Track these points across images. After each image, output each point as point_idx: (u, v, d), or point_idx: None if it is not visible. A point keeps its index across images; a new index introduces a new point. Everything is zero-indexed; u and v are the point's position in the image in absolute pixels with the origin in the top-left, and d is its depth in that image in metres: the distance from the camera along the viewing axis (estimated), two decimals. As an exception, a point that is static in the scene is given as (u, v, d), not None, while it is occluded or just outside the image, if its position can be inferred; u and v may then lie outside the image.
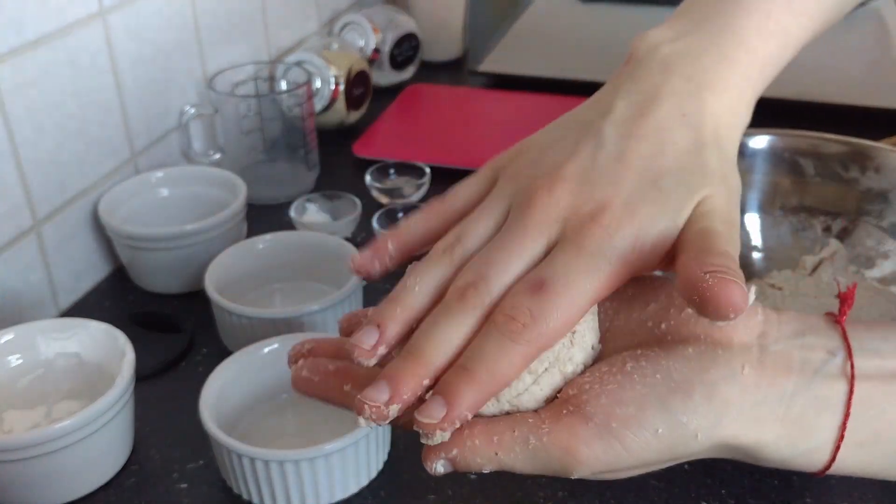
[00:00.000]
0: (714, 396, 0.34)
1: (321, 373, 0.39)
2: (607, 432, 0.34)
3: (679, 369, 0.35)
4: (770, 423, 0.35)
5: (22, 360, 0.56)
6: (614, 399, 0.34)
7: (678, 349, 0.36)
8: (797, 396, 0.35)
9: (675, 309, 0.37)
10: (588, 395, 0.35)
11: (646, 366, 0.35)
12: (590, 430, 0.34)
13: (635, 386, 0.35)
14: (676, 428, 0.34)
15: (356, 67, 0.91)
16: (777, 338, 0.36)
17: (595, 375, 0.36)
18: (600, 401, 0.34)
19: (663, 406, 0.34)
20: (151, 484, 0.53)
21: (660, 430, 0.34)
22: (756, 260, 0.67)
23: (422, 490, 0.52)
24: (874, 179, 0.65)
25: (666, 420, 0.34)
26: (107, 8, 0.69)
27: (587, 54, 1.05)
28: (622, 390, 0.34)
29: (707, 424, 0.34)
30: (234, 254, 0.66)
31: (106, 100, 0.71)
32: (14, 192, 0.63)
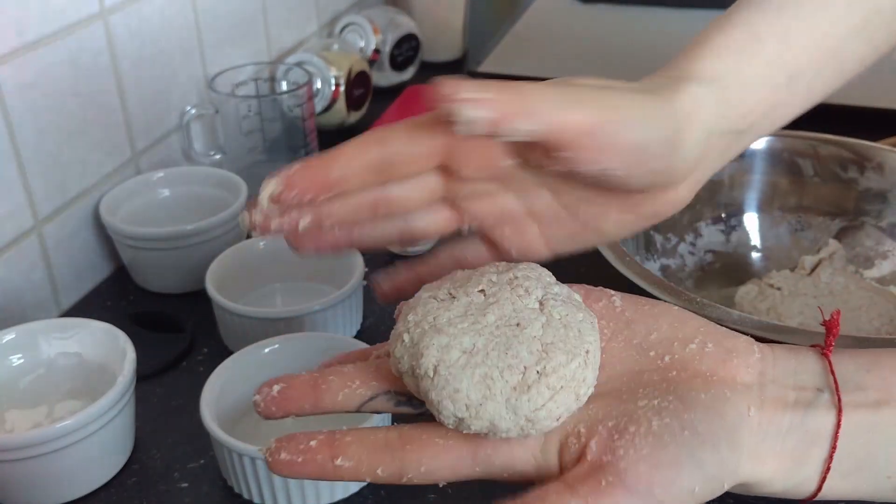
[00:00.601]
0: (736, 444, 0.35)
1: (303, 451, 0.36)
2: (651, 498, 0.34)
3: (701, 420, 0.35)
4: (769, 459, 0.36)
5: (23, 360, 0.56)
6: (652, 464, 0.34)
7: (692, 395, 0.36)
8: (791, 432, 0.36)
9: (679, 343, 0.38)
10: (625, 462, 0.34)
11: (671, 423, 0.35)
12: (634, 500, 0.34)
13: (668, 447, 0.35)
14: (710, 482, 0.35)
15: (356, 68, 0.92)
16: (773, 377, 0.37)
17: (625, 438, 0.35)
18: (639, 468, 0.34)
19: (697, 464, 0.34)
20: (152, 483, 0.53)
21: (696, 488, 0.34)
22: (755, 260, 0.67)
23: (422, 489, 0.52)
24: (873, 180, 0.65)
25: (700, 477, 0.34)
26: (108, 9, 0.70)
27: (587, 55, 1.05)
28: (657, 453, 0.34)
29: (730, 472, 0.35)
30: (234, 254, 0.66)
31: (107, 100, 0.71)
32: (15, 193, 0.63)
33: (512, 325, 0.35)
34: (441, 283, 0.38)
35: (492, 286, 0.37)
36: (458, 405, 0.34)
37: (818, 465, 0.36)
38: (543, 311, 0.36)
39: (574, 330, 0.36)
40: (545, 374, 0.34)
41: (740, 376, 0.37)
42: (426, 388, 0.35)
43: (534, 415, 0.34)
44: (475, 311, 0.36)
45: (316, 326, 0.60)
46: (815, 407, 0.36)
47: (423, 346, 0.35)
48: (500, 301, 0.36)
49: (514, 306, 0.36)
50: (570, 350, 0.35)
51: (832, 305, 0.61)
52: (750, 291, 0.64)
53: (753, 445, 0.36)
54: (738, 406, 0.36)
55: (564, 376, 0.35)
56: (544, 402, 0.34)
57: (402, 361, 0.36)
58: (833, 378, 0.37)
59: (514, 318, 0.36)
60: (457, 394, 0.34)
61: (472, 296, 0.37)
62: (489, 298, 0.36)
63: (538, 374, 0.34)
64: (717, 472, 0.35)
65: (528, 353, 0.35)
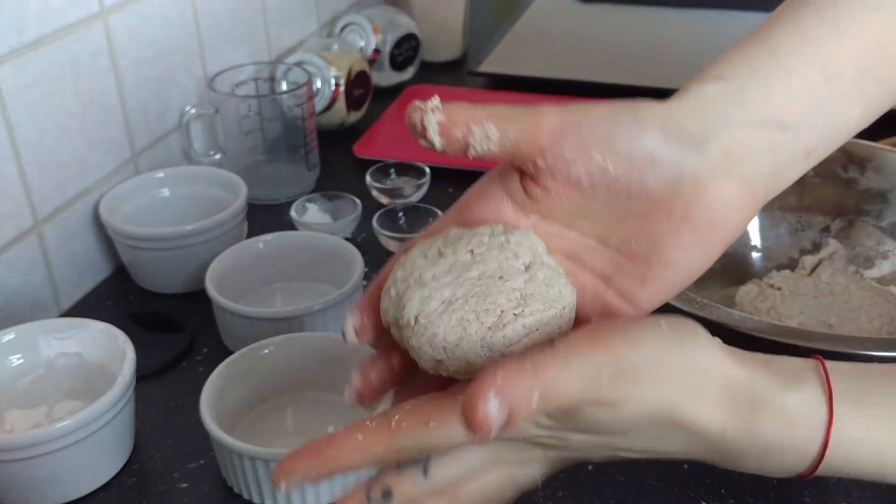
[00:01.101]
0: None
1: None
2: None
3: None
4: (753, 364, 0.37)
5: (23, 360, 0.56)
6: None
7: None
8: (771, 362, 0.37)
9: None
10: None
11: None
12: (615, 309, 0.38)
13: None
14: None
15: (356, 68, 0.92)
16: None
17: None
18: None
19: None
20: (152, 483, 0.53)
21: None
22: (755, 260, 0.67)
23: (422, 489, 0.52)
24: (873, 180, 0.65)
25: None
26: (108, 9, 0.70)
27: (587, 55, 1.05)
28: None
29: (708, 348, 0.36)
30: (234, 254, 0.66)
31: (107, 100, 0.71)
32: (15, 193, 0.63)
33: (495, 278, 0.37)
34: (434, 240, 0.39)
35: (481, 246, 0.38)
36: (436, 348, 0.36)
37: (817, 389, 0.36)
38: (528, 271, 0.37)
39: (555, 289, 0.37)
40: (522, 316, 0.36)
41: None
42: (408, 336, 0.37)
43: (508, 350, 0.36)
44: (460, 267, 0.37)
45: (316, 326, 0.60)
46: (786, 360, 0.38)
47: (407, 298, 0.37)
48: (486, 260, 0.37)
49: (500, 265, 0.37)
50: (549, 302, 0.37)
51: (832, 305, 0.61)
52: (750, 291, 0.64)
53: (728, 350, 0.37)
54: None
55: (540, 320, 0.36)
56: (518, 339, 0.36)
57: (388, 313, 0.38)
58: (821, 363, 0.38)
59: (497, 272, 0.37)
60: (434, 338, 0.36)
61: (460, 254, 0.37)
62: (476, 257, 0.37)
63: (515, 315, 0.36)
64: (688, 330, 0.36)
65: (506, 300, 0.36)
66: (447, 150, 0.38)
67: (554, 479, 0.52)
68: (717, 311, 0.50)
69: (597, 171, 0.38)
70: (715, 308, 0.51)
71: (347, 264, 0.65)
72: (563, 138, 0.37)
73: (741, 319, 0.50)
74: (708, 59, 0.43)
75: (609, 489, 0.51)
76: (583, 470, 0.53)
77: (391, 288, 0.38)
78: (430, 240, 0.39)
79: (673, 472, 0.52)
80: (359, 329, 0.40)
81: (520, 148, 0.38)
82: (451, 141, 0.37)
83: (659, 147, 0.38)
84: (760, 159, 0.39)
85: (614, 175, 0.38)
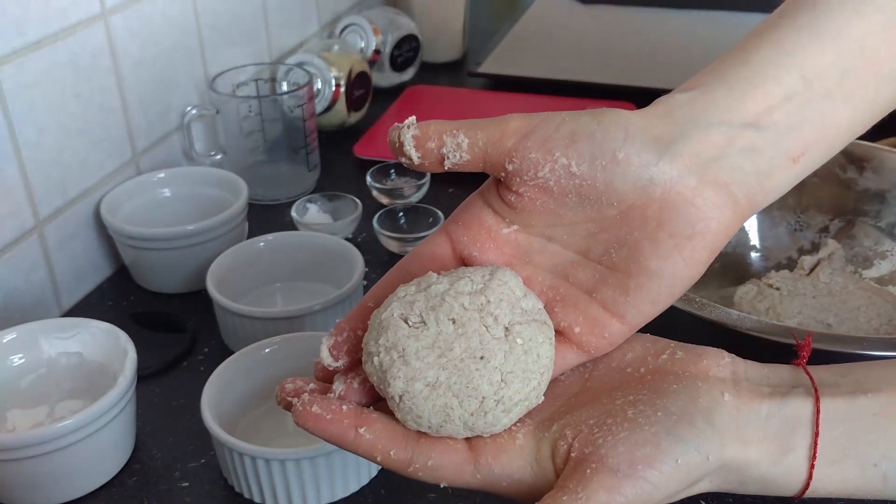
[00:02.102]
0: (712, 420, 0.37)
1: (333, 411, 0.39)
2: (635, 475, 0.36)
3: (674, 403, 0.38)
4: (754, 443, 0.38)
5: (24, 360, 0.56)
6: (630, 445, 0.37)
7: (664, 387, 0.39)
8: (772, 418, 0.38)
9: (652, 356, 0.41)
10: (604, 448, 0.37)
11: (644, 409, 0.38)
12: (619, 480, 0.36)
13: (643, 428, 0.37)
14: (691, 454, 0.37)
15: (357, 69, 0.92)
16: (746, 376, 0.40)
17: (602, 430, 0.37)
18: (618, 451, 0.36)
19: (675, 437, 0.37)
20: (153, 482, 0.54)
21: (679, 459, 0.36)
22: (754, 260, 0.67)
23: (422, 488, 0.52)
24: (872, 180, 0.65)
25: (681, 449, 0.37)
26: (109, 9, 0.70)
27: (586, 56, 1.06)
28: (634, 435, 0.37)
29: (714, 447, 0.37)
30: (235, 254, 0.66)
31: (108, 100, 0.71)
32: (16, 193, 0.63)
33: (476, 359, 0.38)
34: (416, 294, 0.39)
35: (464, 313, 0.38)
36: (420, 425, 0.38)
37: (804, 452, 0.38)
38: (508, 339, 0.38)
39: (533, 354, 0.39)
40: (502, 402, 0.38)
41: (712, 372, 0.40)
42: (392, 408, 0.39)
43: (488, 430, 0.39)
44: (443, 343, 0.38)
45: (316, 326, 0.61)
46: (791, 396, 0.39)
47: (391, 375, 0.38)
48: (468, 333, 0.38)
49: (482, 338, 0.38)
50: (528, 376, 0.38)
51: (831, 305, 0.61)
52: (749, 291, 0.64)
53: (734, 428, 0.38)
54: (712, 391, 0.38)
55: (520, 400, 0.38)
56: (499, 421, 0.38)
57: (372, 377, 0.39)
58: (808, 375, 0.39)
59: (479, 350, 0.38)
60: (419, 419, 0.38)
61: (442, 325, 0.38)
62: (458, 329, 0.38)
63: (495, 402, 0.38)
64: (698, 444, 0.37)
65: (487, 385, 0.38)
66: (424, 163, 0.39)
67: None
68: (715, 310, 0.51)
69: (562, 172, 0.38)
70: (713, 308, 0.51)
71: (348, 264, 0.65)
72: (526, 140, 0.38)
73: (740, 319, 0.50)
74: (708, 60, 0.43)
75: (608, 488, 0.52)
76: (582, 469, 0.53)
77: (374, 356, 0.39)
78: (411, 293, 0.39)
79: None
80: (334, 354, 0.41)
81: (488, 153, 0.39)
82: (426, 152, 0.39)
83: (622, 147, 0.38)
84: (737, 161, 0.39)
85: (579, 175, 0.38)
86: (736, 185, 0.39)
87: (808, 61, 0.40)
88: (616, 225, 0.39)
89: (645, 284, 0.39)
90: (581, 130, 0.38)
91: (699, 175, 0.38)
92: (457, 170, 0.40)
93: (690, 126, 0.39)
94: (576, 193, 0.39)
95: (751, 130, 0.39)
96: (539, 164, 0.38)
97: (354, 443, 0.38)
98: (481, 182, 0.43)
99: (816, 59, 0.40)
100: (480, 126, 0.39)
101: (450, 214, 0.43)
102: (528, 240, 0.41)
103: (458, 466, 0.38)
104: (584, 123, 0.38)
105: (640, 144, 0.38)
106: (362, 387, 0.40)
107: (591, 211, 0.39)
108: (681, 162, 0.38)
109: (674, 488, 0.37)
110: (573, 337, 0.40)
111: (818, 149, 0.41)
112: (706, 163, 0.38)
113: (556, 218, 0.40)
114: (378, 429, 0.38)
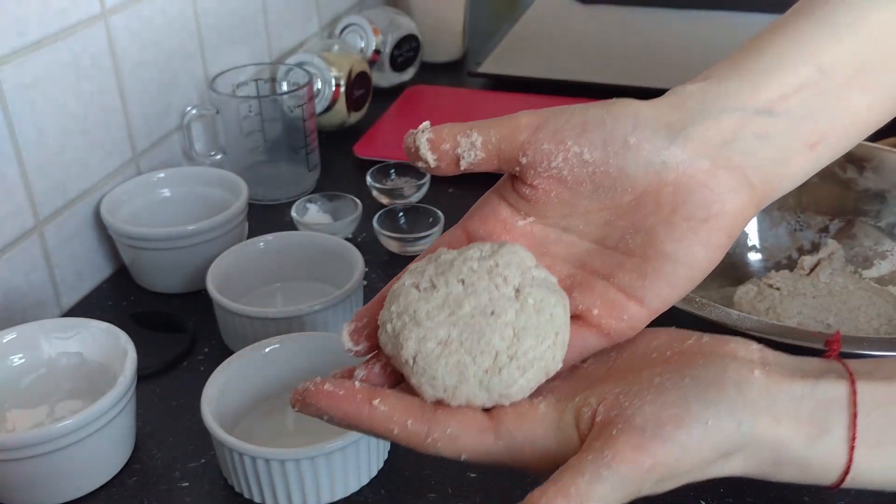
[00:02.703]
0: (743, 390, 0.36)
1: (346, 387, 0.38)
2: (663, 435, 0.35)
3: (703, 374, 0.37)
4: (786, 421, 0.36)
5: (24, 360, 0.56)
6: (658, 406, 0.36)
7: (692, 362, 0.38)
8: (805, 399, 0.37)
9: (678, 342, 0.40)
10: (631, 409, 0.36)
11: (671, 377, 0.37)
12: (647, 440, 0.35)
13: (671, 392, 0.36)
14: (722, 418, 0.35)
15: (357, 69, 0.92)
16: (775, 357, 0.39)
17: (629, 395, 0.37)
18: (645, 411, 0.36)
19: (704, 400, 0.36)
20: (153, 483, 0.54)
21: (709, 422, 0.35)
22: (754, 260, 0.67)
23: (422, 488, 0.52)
24: (872, 180, 0.65)
25: (711, 412, 0.36)
26: (109, 9, 0.70)
27: (586, 56, 1.06)
28: (661, 397, 0.36)
29: (746, 416, 0.36)
30: (235, 254, 0.66)
31: (108, 101, 0.71)
32: (17, 193, 0.63)
33: (486, 314, 0.38)
34: (426, 265, 0.40)
35: (472, 275, 0.39)
36: (436, 389, 0.38)
37: (842, 433, 0.36)
38: (518, 298, 0.38)
39: (546, 314, 0.38)
40: (515, 357, 0.37)
41: (741, 353, 0.38)
42: (407, 374, 0.38)
43: (506, 391, 0.38)
44: (452, 302, 0.38)
45: (316, 326, 0.61)
46: (825, 379, 0.37)
47: (403, 338, 0.38)
48: (477, 291, 0.38)
49: (491, 296, 0.38)
50: (541, 334, 0.38)
51: (831, 305, 0.61)
52: (749, 291, 0.64)
53: (766, 405, 0.36)
54: (741, 368, 0.37)
55: (534, 357, 0.38)
56: (515, 380, 0.38)
57: (386, 347, 0.39)
58: (840, 363, 0.38)
59: (489, 307, 0.38)
60: (434, 380, 0.38)
61: (452, 286, 0.38)
62: (467, 288, 0.38)
63: (509, 357, 0.37)
64: (729, 409, 0.36)
65: (499, 340, 0.37)
66: (440, 165, 0.40)
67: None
68: (715, 310, 0.51)
69: (575, 160, 0.39)
70: (714, 308, 0.51)
71: (348, 264, 0.65)
72: (538, 132, 0.39)
73: (740, 319, 0.50)
74: (708, 60, 0.43)
75: (608, 488, 0.52)
76: (582, 469, 0.53)
77: (387, 323, 0.39)
78: (421, 265, 0.40)
79: (672, 472, 0.53)
80: (354, 338, 0.41)
81: (502, 149, 0.39)
82: (442, 155, 0.39)
83: (632, 133, 0.38)
84: (750, 146, 0.39)
85: (592, 162, 0.38)
86: (750, 168, 0.39)
87: (824, 52, 0.40)
88: (631, 212, 0.39)
89: (662, 268, 0.39)
90: (592, 119, 0.39)
91: (712, 158, 0.39)
92: (472, 170, 0.40)
93: (702, 113, 0.39)
94: (589, 181, 0.39)
95: (764, 117, 0.39)
96: (552, 154, 0.39)
97: (369, 417, 0.37)
98: (482, 182, 0.43)
99: (832, 49, 0.40)
100: (492, 124, 0.40)
101: (450, 214, 0.44)
102: (543, 231, 0.41)
103: (478, 435, 0.38)
104: (594, 113, 0.39)
105: (651, 131, 0.38)
106: (383, 371, 0.40)
107: (605, 199, 0.39)
108: (692, 146, 0.39)
109: (705, 455, 0.36)
110: (592, 319, 0.40)
111: (835, 138, 0.41)
112: (719, 147, 0.39)
113: (572, 208, 0.40)
114: (393, 402, 0.38)
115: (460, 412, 0.38)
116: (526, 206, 0.41)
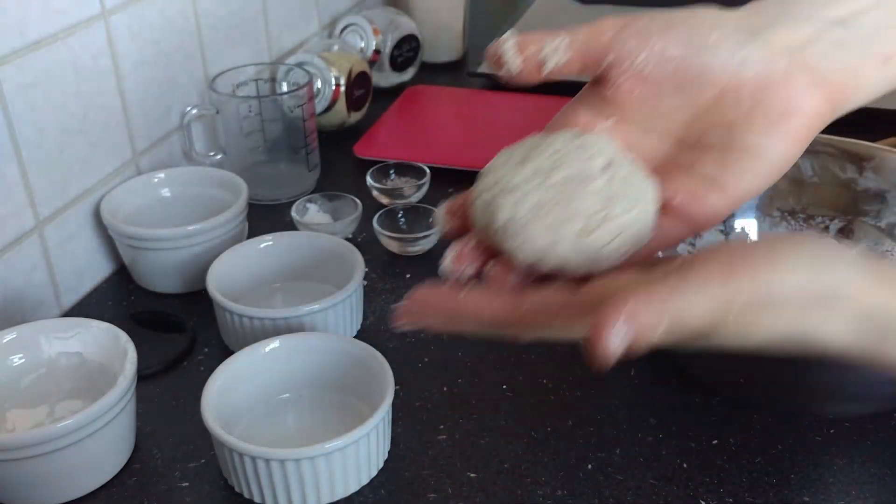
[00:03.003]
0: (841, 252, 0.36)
1: (436, 292, 0.39)
2: (753, 261, 0.35)
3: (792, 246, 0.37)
4: (887, 286, 0.36)
5: (24, 360, 0.56)
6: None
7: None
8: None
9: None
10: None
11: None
12: (734, 264, 0.35)
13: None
14: (814, 256, 0.35)
15: (357, 69, 0.92)
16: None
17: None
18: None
19: (797, 252, 0.36)
20: (153, 483, 0.54)
21: (802, 257, 0.35)
22: (754, 260, 0.67)
23: (422, 488, 0.52)
24: (872, 180, 0.65)
25: (804, 256, 0.35)
26: (109, 9, 0.70)
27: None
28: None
29: (841, 266, 0.35)
30: (235, 254, 0.66)
31: (108, 101, 0.71)
32: (17, 193, 0.63)
33: (577, 181, 0.39)
34: (513, 149, 0.41)
35: (562, 149, 0.40)
36: (530, 251, 0.38)
37: None
38: (607, 171, 0.39)
39: (634, 185, 0.39)
40: (607, 220, 0.38)
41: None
42: (501, 240, 0.39)
43: (598, 254, 0.38)
44: (543, 173, 0.39)
45: (316, 326, 0.61)
46: None
47: (496, 206, 0.39)
48: (567, 163, 0.39)
49: (580, 167, 0.39)
50: (631, 201, 0.39)
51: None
52: (749, 291, 0.64)
53: (864, 270, 0.36)
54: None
55: (626, 221, 0.38)
56: (607, 242, 0.38)
57: (477, 219, 0.40)
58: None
59: (579, 175, 0.39)
60: (527, 242, 0.38)
61: (542, 159, 0.40)
62: (557, 162, 0.39)
63: (601, 219, 0.38)
64: (824, 251, 0.36)
65: (591, 204, 0.38)
66: (523, 72, 0.40)
67: (553, 478, 0.52)
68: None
69: (659, 57, 0.40)
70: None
71: (348, 264, 0.65)
72: (623, 31, 0.40)
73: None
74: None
75: (608, 488, 0.52)
76: (582, 469, 0.53)
77: (479, 195, 0.40)
78: (510, 149, 0.41)
79: (672, 472, 0.53)
80: (448, 218, 0.42)
81: (589, 48, 0.40)
82: (528, 57, 0.40)
83: (715, 32, 0.40)
84: (827, 50, 0.41)
85: (674, 58, 0.40)
86: (826, 71, 0.41)
87: None
88: (711, 109, 0.41)
89: (743, 159, 0.40)
90: (675, 19, 0.40)
91: (789, 59, 0.40)
92: (554, 75, 0.40)
93: (780, 18, 0.41)
94: (672, 79, 0.40)
95: (839, 27, 0.41)
96: (636, 51, 0.40)
97: (460, 306, 0.39)
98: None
99: None
100: (576, 28, 0.41)
101: None
102: (625, 131, 0.42)
103: (566, 300, 0.38)
104: (677, 14, 0.41)
105: (731, 30, 0.40)
106: (476, 249, 0.41)
107: (686, 97, 0.41)
108: (770, 47, 0.40)
109: (800, 283, 0.35)
110: (675, 208, 0.41)
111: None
112: (795, 49, 0.40)
113: (654, 108, 0.41)
114: (479, 291, 0.39)
115: (545, 288, 0.39)
116: (608, 109, 0.41)
